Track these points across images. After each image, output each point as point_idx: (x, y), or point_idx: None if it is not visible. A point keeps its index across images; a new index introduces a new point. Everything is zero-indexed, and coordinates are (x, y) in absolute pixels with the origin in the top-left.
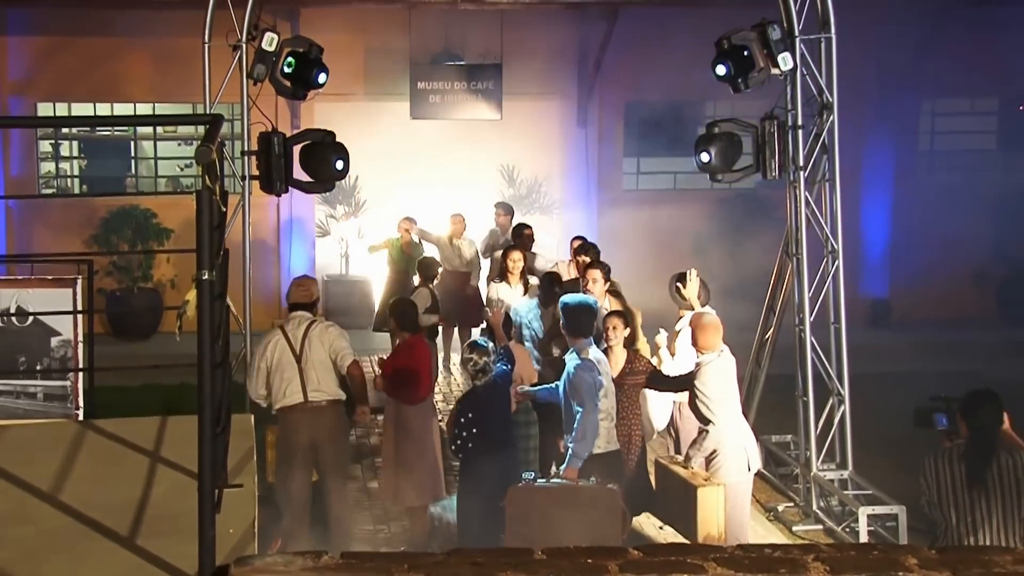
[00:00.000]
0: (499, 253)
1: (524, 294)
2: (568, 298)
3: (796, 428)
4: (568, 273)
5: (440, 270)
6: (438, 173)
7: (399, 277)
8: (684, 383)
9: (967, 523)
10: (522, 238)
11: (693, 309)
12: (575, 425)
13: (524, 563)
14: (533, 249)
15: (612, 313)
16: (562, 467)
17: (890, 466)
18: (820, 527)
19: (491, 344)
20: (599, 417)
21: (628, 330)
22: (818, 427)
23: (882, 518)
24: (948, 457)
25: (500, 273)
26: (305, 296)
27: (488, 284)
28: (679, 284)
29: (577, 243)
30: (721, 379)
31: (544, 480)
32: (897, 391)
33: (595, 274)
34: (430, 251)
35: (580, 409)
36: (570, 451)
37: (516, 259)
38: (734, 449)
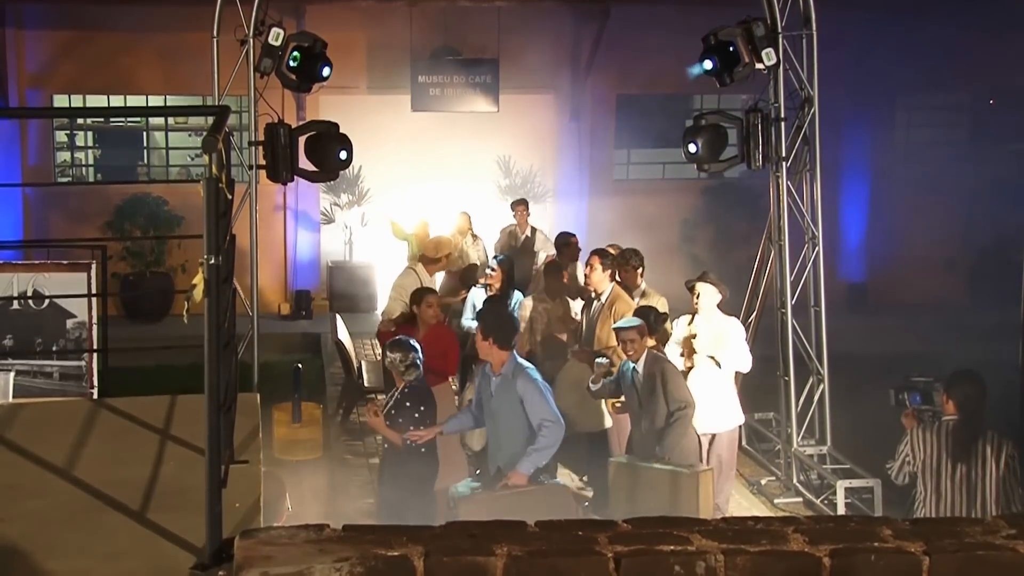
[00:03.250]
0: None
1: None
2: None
3: (778, 406)
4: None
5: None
6: (438, 163)
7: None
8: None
9: (946, 493)
10: (569, 247)
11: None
12: (540, 434)
13: (518, 535)
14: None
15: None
16: (517, 468)
17: (866, 442)
18: (800, 499)
19: (412, 340)
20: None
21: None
22: (799, 405)
23: (858, 491)
24: (937, 430)
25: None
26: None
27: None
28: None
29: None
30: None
31: (478, 485)
32: (873, 371)
33: (593, 261)
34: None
35: (548, 421)
36: (528, 455)
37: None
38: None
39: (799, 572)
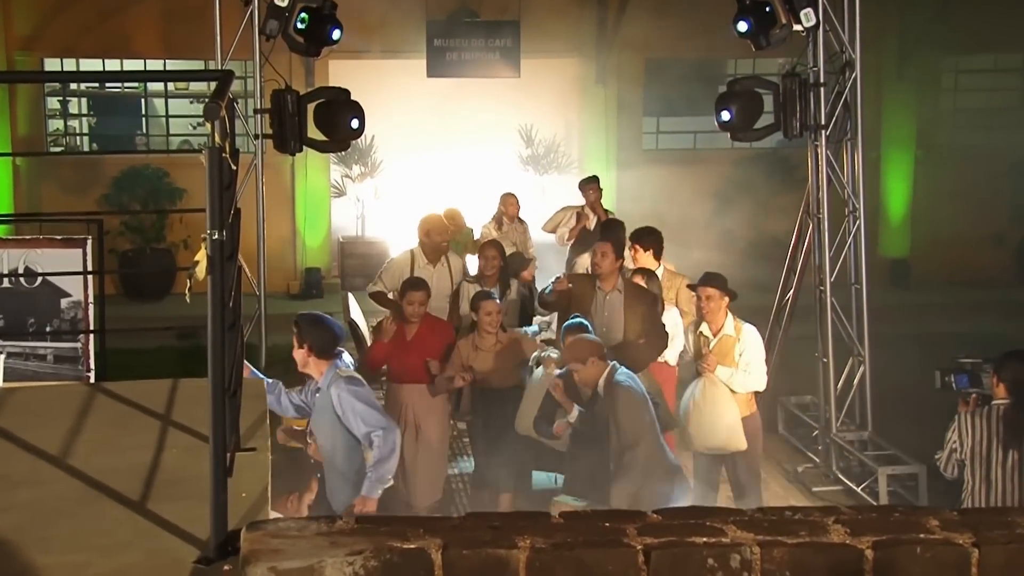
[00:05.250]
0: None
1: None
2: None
3: (816, 389)
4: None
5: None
6: (455, 132)
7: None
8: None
9: (997, 482)
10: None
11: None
12: (373, 447)
13: (542, 527)
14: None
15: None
16: (363, 493)
17: (910, 426)
18: (840, 488)
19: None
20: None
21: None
22: (838, 388)
23: (902, 478)
24: (987, 414)
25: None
26: None
27: None
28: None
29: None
30: None
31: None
32: (917, 351)
33: (605, 248)
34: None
35: (376, 429)
36: (369, 476)
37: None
38: None
39: (840, 565)
